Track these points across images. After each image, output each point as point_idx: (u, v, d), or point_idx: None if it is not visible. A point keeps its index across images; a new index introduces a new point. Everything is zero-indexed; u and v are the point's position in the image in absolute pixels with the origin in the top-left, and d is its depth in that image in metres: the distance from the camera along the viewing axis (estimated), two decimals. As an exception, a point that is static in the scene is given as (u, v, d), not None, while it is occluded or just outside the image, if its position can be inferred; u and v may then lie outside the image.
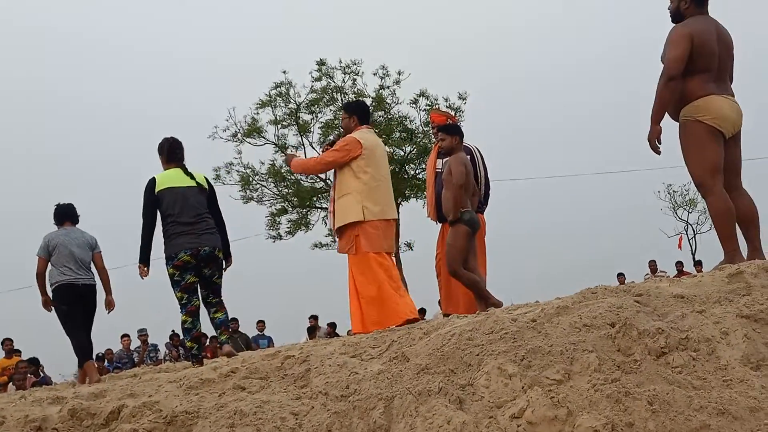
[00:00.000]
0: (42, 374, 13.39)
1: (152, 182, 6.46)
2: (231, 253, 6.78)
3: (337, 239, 6.94)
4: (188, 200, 6.43)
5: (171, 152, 6.69)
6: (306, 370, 3.95)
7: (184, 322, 6.44)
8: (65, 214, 7.86)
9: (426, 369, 3.35)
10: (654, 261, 18.31)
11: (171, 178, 6.51)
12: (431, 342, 3.57)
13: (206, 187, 6.68)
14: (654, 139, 5.25)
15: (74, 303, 7.54)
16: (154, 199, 6.40)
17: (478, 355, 3.31)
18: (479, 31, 50.90)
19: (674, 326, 3.32)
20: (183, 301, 6.42)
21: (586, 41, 53.18)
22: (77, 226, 7.94)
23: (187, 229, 6.36)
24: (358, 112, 6.98)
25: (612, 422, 2.81)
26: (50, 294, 7.60)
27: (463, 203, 6.87)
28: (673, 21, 5.44)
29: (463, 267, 6.79)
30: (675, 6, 5.45)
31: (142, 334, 15.73)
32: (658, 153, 5.27)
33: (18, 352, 13.90)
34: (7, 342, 13.58)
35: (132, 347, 16.21)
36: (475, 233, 6.96)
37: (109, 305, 7.87)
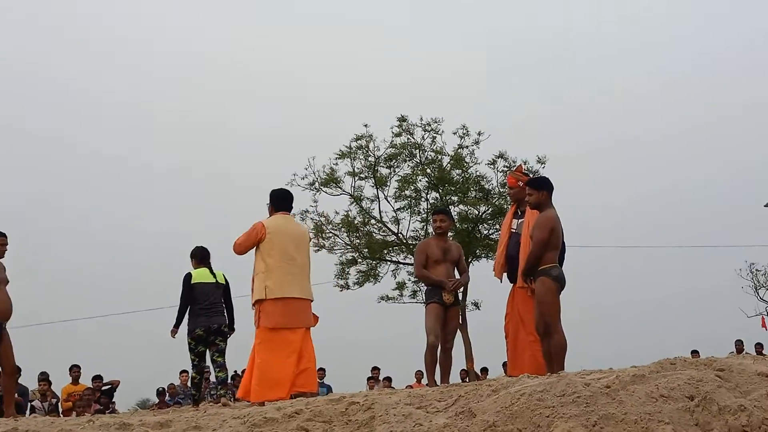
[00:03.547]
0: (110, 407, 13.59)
1: (189, 276, 9.10)
2: (234, 327, 9.29)
3: None
4: (209, 292, 9.04)
5: (201, 258, 9.27)
6: (370, 418, 3.90)
7: (193, 378, 9.30)
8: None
9: (493, 426, 3.26)
10: (741, 341, 17.32)
11: (201, 275, 9.12)
12: (500, 399, 3.49)
13: (223, 282, 9.26)
14: None
15: None
16: (189, 287, 9.01)
17: (548, 416, 3.22)
18: (560, 99, 50.60)
19: (758, 405, 3.17)
20: (194, 363, 9.10)
21: (674, 113, 52.35)
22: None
23: (204, 312, 8.94)
24: (273, 200, 7.80)
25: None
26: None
27: (549, 259, 6.69)
28: None
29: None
30: None
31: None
32: None
33: (99, 378, 14.31)
34: (75, 369, 14.07)
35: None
36: (561, 290, 6.75)
37: None
